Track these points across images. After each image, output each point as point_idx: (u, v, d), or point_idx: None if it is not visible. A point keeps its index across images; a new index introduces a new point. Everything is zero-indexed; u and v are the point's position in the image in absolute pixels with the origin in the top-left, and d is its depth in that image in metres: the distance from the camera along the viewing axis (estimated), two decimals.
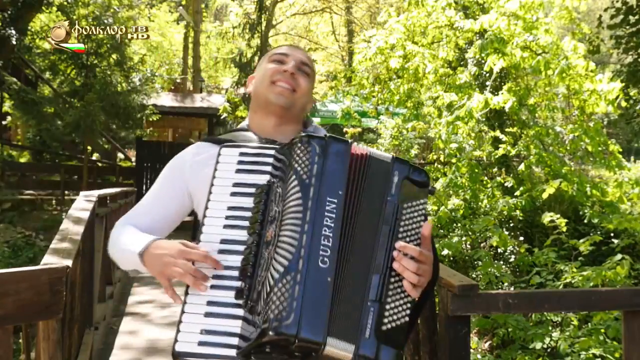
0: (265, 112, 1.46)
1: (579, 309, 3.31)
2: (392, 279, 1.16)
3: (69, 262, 2.12)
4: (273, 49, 1.55)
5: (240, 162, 1.29)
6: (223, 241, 1.22)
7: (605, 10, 10.42)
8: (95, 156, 16.15)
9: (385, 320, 1.13)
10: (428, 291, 1.26)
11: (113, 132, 16.07)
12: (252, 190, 1.25)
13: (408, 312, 1.16)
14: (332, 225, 1.12)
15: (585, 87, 6.37)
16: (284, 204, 1.16)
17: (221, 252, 1.21)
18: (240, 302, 1.16)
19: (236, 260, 1.20)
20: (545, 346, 3.96)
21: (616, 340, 3.79)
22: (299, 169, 1.17)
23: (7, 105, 13.99)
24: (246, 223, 1.22)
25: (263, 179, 1.25)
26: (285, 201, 1.16)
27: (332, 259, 1.11)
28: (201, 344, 1.15)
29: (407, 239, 1.19)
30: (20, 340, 3.02)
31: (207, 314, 1.17)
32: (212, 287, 1.19)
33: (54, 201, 13.19)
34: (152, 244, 1.28)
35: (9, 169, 13.50)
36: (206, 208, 1.26)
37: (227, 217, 1.24)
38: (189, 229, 1.47)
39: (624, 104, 6.72)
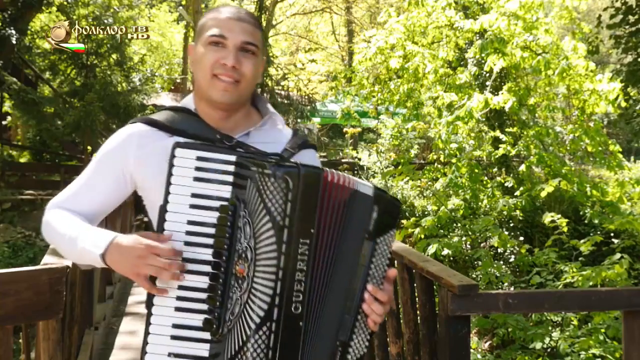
0: (211, 106, 1.34)
1: (579, 309, 3.31)
2: (359, 316, 1.18)
3: (69, 262, 2.12)
4: (210, 19, 1.33)
5: (198, 169, 1.18)
6: (185, 260, 1.17)
7: (605, 9, 10.41)
8: (95, 156, 16.15)
9: (349, 357, 1.18)
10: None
11: (113, 132, 16.03)
12: (214, 203, 1.17)
13: (367, 344, 1.21)
14: (305, 268, 1.11)
15: (586, 87, 6.38)
16: (256, 243, 1.12)
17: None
18: (209, 332, 1.15)
19: (199, 280, 1.16)
20: (545, 346, 3.96)
21: (616, 340, 3.79)
22: (271, 207, 1.10)
23: (7, 105, 13.99)
24: (208, 241, 1.17)
25: (225, 190, 1.17)
26: (258, 240, 1.12)
27: (305, 304, 1.12)
28: None
29: (376, 274, 1.20)
30: (20, 340, 3.01)
31: (174, 337, 1.16)
32: (177, 309, 1.16)
33: None
34: (113, 243, 1.20)
35: (9, 169, 13.48)
36: (164, 220, 1.18)
37: (187, 233, 1.17)
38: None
39: (623, 104, 6.73)
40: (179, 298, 1.16)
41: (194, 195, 1.18)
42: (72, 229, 1.29)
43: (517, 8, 6.12)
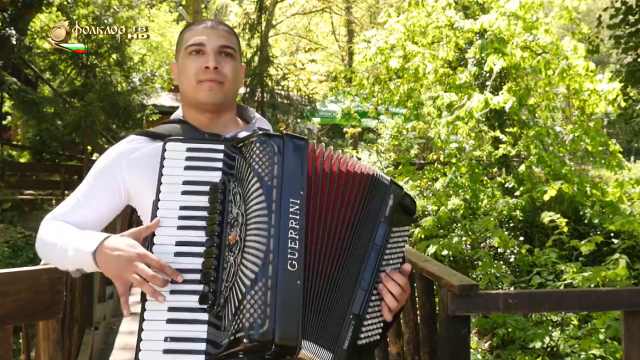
0: (199, 110, 1.40)
1: (579, 309, 3.31)
2: (373, 297, 1.20)
3: None
4: (187, 33, 1.42)
5: (188, 159, 1.22)
6: (179, 243, 1.17)
7: (605, 10, 10.41)
8: (95, 156, 16.13)
9: (362, 336, 1.17)
10: (394, 318, 1.29)
11: (113, 132, 16.04)
12: (204, 188, 1.20)
13: (380, 331, 1.21)
14: (297, 227, 1.12)
15: (586, 87, 6.37)
16: (246, 207, 1.13)
17: (178, 254, 1.16)
18: (205, 306, 1.12)
19: (195, 262, 1.15)
20: (545, 346, 3.96)
21: (616, 340, 3.79)
22: (259, 170, 1.14)
23: (7, 105, 13.99)
24: (202, 223, 1.17)
25: (215, 176, 1.20)
26: (248, 204, 1.13)
27: (300, 262, 1.10)
28: (166, 352, 1.11)
29: (391, 262, 1.23)
30: (20, 340, 3.01)
31: (170, 321, 1.12)
32: (172, 292, 1.13)
33: (54, 201, 13.19)
34: (105, 242, 1.19)
35: (9, 169, 13.48)
36: (156, 208, 1.19)
37: (180, 218, 1.18)
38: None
39: (623, 104, 6.72)
40: (174, 281, 1.14)
41: (185, 183, 1.21)
42: (65, 234, 1.30)
43: (517, 8, 6.12)
